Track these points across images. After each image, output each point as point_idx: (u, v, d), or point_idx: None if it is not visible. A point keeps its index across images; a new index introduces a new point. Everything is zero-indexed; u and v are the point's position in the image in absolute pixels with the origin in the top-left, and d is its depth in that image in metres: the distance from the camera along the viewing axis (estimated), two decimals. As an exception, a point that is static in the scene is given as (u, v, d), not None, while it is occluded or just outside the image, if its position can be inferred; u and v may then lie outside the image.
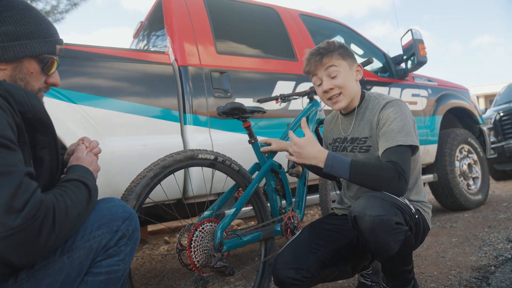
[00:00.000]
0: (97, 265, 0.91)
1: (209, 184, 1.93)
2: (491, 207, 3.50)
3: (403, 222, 1.19)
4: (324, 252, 1.39)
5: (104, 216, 0.93)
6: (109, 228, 0.93)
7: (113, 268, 0.93)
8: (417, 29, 3.07)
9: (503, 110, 5.93)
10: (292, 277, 1.32)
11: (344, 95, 1.45)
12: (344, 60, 1.44)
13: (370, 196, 1.21)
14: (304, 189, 1.91)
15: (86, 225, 0.91)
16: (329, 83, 1.44)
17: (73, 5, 7.20)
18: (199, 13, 2.35)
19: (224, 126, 2.17)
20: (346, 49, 1.47)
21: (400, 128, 1.32)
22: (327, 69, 1.43)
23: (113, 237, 0.93)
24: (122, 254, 0.94)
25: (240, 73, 2.35)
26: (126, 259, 0.95)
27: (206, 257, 1.40)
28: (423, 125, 3.32)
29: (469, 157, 3.67)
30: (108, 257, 0.92)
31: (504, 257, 1.91)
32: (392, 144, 1.30)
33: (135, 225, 0.99)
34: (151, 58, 2.12)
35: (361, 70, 1.49)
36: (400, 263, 1.25)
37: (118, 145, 1.81)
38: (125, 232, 0.95)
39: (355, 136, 1.50)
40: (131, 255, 0.97)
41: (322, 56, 1.43)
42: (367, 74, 3.00)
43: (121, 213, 0.96)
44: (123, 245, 0.94)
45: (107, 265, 0.92)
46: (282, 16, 2.79)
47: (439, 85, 3.65)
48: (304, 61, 1.50)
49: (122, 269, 0.95)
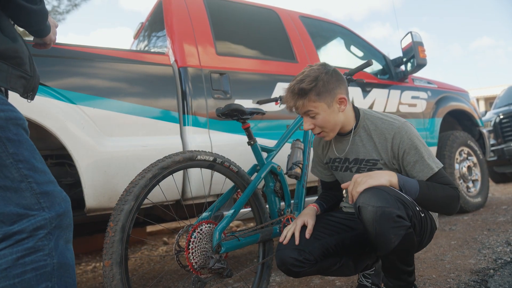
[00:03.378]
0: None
1: (208, 185, 1.92)
2: (490, 210, 3.50)
3: (405, 217, 1.21)
4: (328, 240, 1.42)
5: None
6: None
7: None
8: (416, 32, 3.08)
9: (503, 112, 5.93)
10: (295, 257, 1.35)
11: (327, 132, 1.44)
12: (321, 100, 1.37)
13: (375, 189, 1.23)
14: (303, 190, 1.91)
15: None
16: (309, 123, 1.42)
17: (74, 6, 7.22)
18: (200, 15, 2.36)
19: (224, 127, 2.17)
20: (323, 85, 1.36)
21: (427, 154, 1.36)
22: (305, 112, 1.41)
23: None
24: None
25: (240, 74, 2.35)
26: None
27: (204, 258, 1.40)
28: (423, 127, 3.32)
29: (468, 159, 3.67)
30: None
31: (503, 260, 1.91)
32: (430, 172, 1.33)
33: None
34: (151, 59, 2.12)
35: (345, 101, 1.40)
36: (400, 261, 1.25)
37: (117, 145, 1.81)
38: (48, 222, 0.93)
39: (359, 157, 1.48)
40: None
41: (296, 101, 1.39)
42: (367, 76, 3.00)
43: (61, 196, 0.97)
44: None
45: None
46: (282, 18, 2.80)
47: (438, 88, 3.66)
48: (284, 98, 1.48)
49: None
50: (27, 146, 0.93)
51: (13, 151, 0.90)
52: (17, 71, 0.96)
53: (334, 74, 1.40)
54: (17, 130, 0.92)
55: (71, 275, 0.96)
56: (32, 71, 1.01)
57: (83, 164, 1.70)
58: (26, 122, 0.96)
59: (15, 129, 0.91)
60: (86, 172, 1.70)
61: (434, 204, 1.33)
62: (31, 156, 0.93)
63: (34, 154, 0.95)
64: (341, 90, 1.41)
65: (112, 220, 1.28)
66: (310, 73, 1.38)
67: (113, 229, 1.26)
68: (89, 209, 1.75)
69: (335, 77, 1.40)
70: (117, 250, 1.25)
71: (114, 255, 1.25)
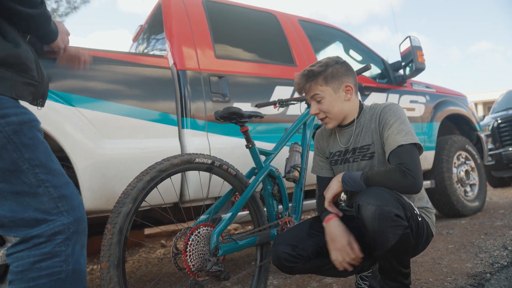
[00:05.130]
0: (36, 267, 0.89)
1: (206, 188, 1.93)
2: (488, 214, 3.50)
3: (403, 217, 1.24)
4: (322, 238, 1.45)
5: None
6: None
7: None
8: (415, 36, 3.10)
9: (501, 117, 5.95)
10: (289, 252, 1.40)
11: (331, 118, 1.50)
12: (328, 85, 1.45)
13: (376, 189, 1.28)
14: (301, 194, 1.92)
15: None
16: (315, 107, 1.49)
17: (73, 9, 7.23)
18: (199, 18, 2.37)
19: (222, 130, 2.18)
20: (332, 71, 1.45)
21: (399, 129, 1.37)
22: (312, 96, 1.48)
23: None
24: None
25: (239, 77, 2.36)
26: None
27: (201, 261, 1.40)
28: (421, 131, 3.33)
29: (466, 163, 3.68)
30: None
31: (500, 264, 1.91)
32: (393, 146, 1.34)
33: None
34: (150, 62, 2.13)
35: (351, 89, 1.48)
36: (397, 261, 1.28)
37: (116, 148, 1.81)
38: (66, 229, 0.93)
39: (356, 146, 1.53)
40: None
41: (305, 83, 1.48)
42: (365, 80, 3.01)
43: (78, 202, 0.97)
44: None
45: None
46: (281, 22, 2.81)
47: (437, 92, 3.67)
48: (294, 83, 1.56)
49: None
50: (43, 149, 0.93)
51: (28, 156, 0.89)
52: (23, 78, 0.93)
53: (344, 65, 1.50)
54: (32, 133, 0.91)
55: (83, 282, 0.98)
56: (40, 77, 0.99)
57: (81, 166, 1.70)
58: (40, 123, 0.96)
59: (29, 132, 0.91)
60: (84, 174, 1.70)
61: (381, 182, 1.31)
62: (48, 159, 0.93)
63: (50, 157, 0.94)
64: (349, 80, 1.48)
65: (110, 222, 1.28)
66: (323, 60, 1.49)
67: (111, 231, 1.26)
68: (86, 211, 1.75)
69: (345, 67, 1.49)
70: (115, 253, 1.25)
71: (112, 257, 1.25)
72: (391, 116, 1.41)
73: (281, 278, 2.17)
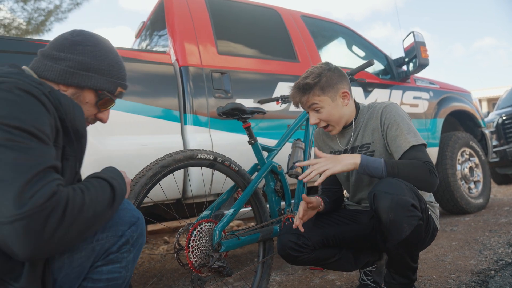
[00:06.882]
0: (97, 271, 0.90)
1: (209, 184, 1.92)
2: (492, 211, 3.48)
3: (419, 208, 1.25)
4: (328, 230, 1.48)
5: (111, 218, 0.92)
6: (114, 232, 0.91)
7: (114, 275, 0.91)
8: (419, 32, 3.07)
9: (505, 113, 5.90)
10: (294, 241, 1.43)
11: (333, 125, 1.50)
12: (325, 94, 1.44)
13: (393, 179, 1.27)
14: (303, 190, 1.91)
15: None
16: (314, 117, 1.48)
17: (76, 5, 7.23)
18: (201, 14, 2.36)
19: (224, 126, 2.17)
20: (326, 80, 1.43)
21: (408, 130, 1.38)
22: (310, 106, 1.47)
23: (116, 242, 0.91)
24: (124, 261, 0.93)
25: (241, 73, 2.35)
26: (128, 266, 0.94)
27: (204, 257, 1.40)
28: (424, 127, 3.31)
29: (470, 160, 3.66)
30: (109, 263, 0.91)
31: (505, 262, 1.90)
32: (406, 146, 1.35)
33: (141, 231, 0.97)
34: (152, 58, 2.12)
35: (348, 94, 1.47)
36: (408, 253, 1.27)
37: (118, 144, 1.81)
38: (129, 238, 0.94)
39: (356, 145, 1.53)
40: (133, 262, 0.96)
41: (302, 96, 1.46)
42: (368, 76, 2.99)
43: (128, 218, 0.95)
44: (126, 252, 0.93)
45: (107, 271, 0.91)
46: (284, 18, 2.79)
47: (440, 88, 3.64)
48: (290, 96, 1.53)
49: (123, 276, 0.93)
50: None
51: None
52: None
53: (336, 70, 1.48)
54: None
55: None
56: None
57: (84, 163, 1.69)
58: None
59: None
60: (86, 170, 1.70)
61: (405, 179, 1.30)
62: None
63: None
64: (344, 85, 1.47)
65: (112, 218, 1.28)
66: (314, 70, 1.46)
67: (113, 227, 1.26)
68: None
69: (337, 73, 1.47)
70: (117, 248, 1.25)
71: (114, 253, 1.24)
72: (395, 116, 1.42)
73: (284, 274, 2.17)
